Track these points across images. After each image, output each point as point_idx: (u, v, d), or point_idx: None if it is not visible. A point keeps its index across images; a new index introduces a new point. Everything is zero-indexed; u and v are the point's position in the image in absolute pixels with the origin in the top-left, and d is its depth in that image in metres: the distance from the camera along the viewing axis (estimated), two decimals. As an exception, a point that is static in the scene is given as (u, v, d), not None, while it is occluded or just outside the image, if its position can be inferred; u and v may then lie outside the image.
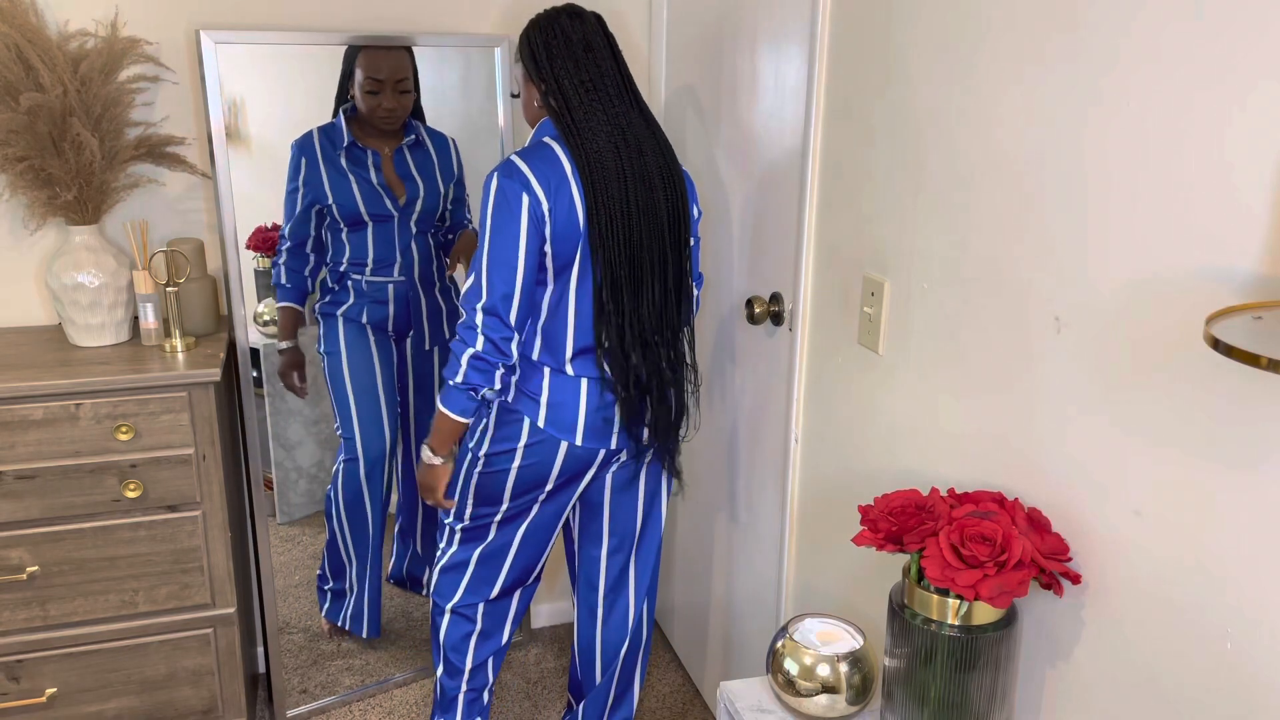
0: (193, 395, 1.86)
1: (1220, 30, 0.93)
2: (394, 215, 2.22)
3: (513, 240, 1.64)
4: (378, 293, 2.27)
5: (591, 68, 1.70)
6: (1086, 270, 1.11)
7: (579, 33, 1.70)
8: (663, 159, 1.75)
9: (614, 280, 1.71)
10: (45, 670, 1.92)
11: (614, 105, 1.71)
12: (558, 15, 1.72)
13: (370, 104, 2.16)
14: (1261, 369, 0.75)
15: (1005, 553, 1.11)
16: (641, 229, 1.71)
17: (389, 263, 2.25)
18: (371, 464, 2.32)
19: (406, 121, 2.22)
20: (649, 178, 1.72)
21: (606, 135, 1.69)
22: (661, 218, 1.74)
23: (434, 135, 2.27)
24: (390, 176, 2.22)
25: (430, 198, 2.26)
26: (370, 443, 2.32)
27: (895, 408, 1.51)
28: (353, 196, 2.18)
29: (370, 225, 2.21)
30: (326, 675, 2.43)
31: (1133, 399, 1.07)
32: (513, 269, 1.65)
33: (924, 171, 1.39)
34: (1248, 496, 0.94)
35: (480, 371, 1.67)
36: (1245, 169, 0.91)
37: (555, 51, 1.70)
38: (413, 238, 2.26)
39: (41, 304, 2.16)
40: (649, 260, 1.73)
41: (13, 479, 1.81)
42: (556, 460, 1.78)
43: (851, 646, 1.36)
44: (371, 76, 2.14)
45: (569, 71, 1.69)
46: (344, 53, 2.13)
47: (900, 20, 1.42)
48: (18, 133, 1.84)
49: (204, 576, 1.96)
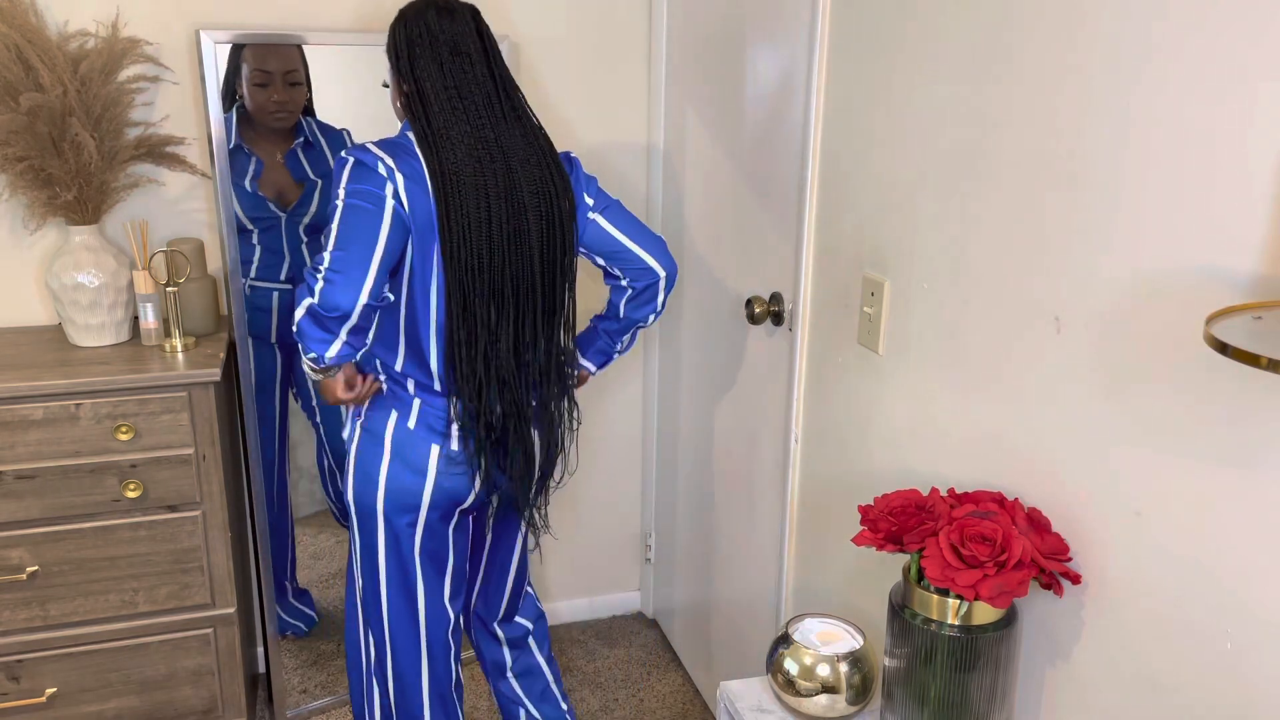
0: (193, 395, 1.86)
1: (1221, 31, 0.93)
2: (279, 220, 2.14)
3: (371, 218, 1.50)
4: (261, 300, 2.19)
5: (457, 72, 1.56)
6: (1086, 270, 1.11)
7: (447, 32, 1.56)
8: (541, 175, 1.61)
9: (465, 306, 1.57)
10: (45, 670, 1.92)
11: (480, 115, 1.57)
12: (425, 10, 1.57)
13: (259, 98, 2.06)
14: (1261, 369, 0.75)
15: (1005, 553, 1.11)
16: (505, 253, 1.57)
17: (274, 267, 2.17)
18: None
19: (299, 120, 2.14)
20: (518, 198, 1.58)
21: (467, 148, 1.55)
22: (532, 244, 1.60)
23: (327, 131, 2.17)
24: (280, 180, 2.13)
25: (325, 202, 2.16)
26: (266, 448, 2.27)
27: (895, 408, 1.51)
28: (230, 201, 2.08)
29: (255, 231, 2.13)
30: (326, 675, 2.43)
31: (1133, 399, 1.07)
32: (370, 244, 1.50)
33: (924, 171, 1.39)
34: (1248, 496, 0.94)
35: (319, 328, 1.52)
36: (1245, 169, 0.91)
37: (418, 52, 1.56)
38: (302, 243, 2.17)
39: (41, 304, 2.16)
40: (512, 289, 1.60)
41: (13, 479, 1.81)
42: (423, 491, 1.69)
43: (851, 646, 1.36)
44: (259, 69, 2.04)
45: (431, 75, 1.55)
46: (229, 51, 2.03)
47: (900, 20, 1.42)
48: (18, 133, 1.84)
49: (204, 576, 1.96)
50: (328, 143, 2.18)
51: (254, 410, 2.14)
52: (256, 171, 2.12)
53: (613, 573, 2.81)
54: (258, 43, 2.03)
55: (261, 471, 2.21)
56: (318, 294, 1.50)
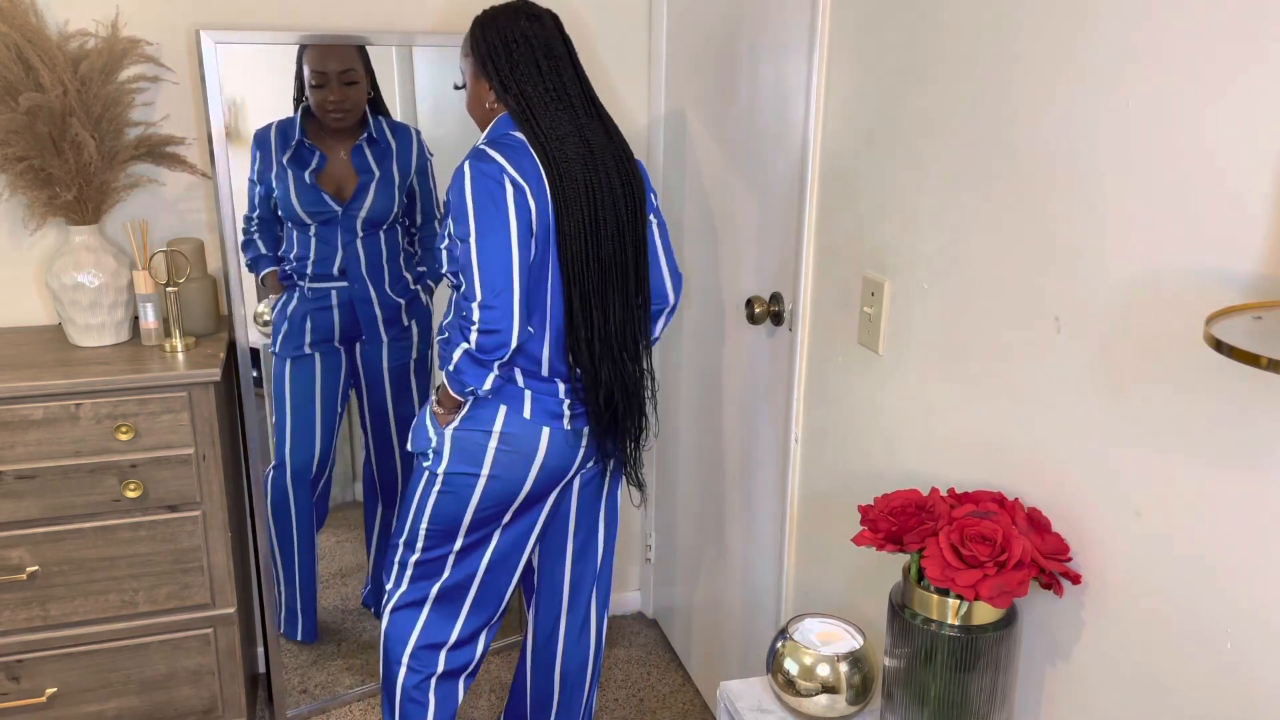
0: (193, 395, 1.86)
1: (1221, 32, 0.93)
2: (336, 215, 2.18)
3: (503, 230, 1.57)
4: (321, 299, 2.23)
5: (554, 76, 1.64)
6: (1086, 270, 1.11)
7: (540, 36, 1.64)
8: (623, 169, 1.70)
9: (583, 294, 1.67)
10: (45, 670, 1.92)
11: (577, 114, 1.66)
12: (516, 16, 1.65)
13: (317, 98, 2.12)
14: (1261, 369, 0.76)
15: (1005, 553, 1.11)
16: (609, 244, 1.68)
17: (329, 260, 2.20)
18: (297, 473, 2.29)
19: (365, 117, 2.18)
20: (613, 190, 1.68)
21: (573, 146, 1.63)
22: (625, 232, 1.70)
23: (396, 128, 2.22)
24: (342, 174, 2.17)
25: (382, 195, 2.20)
26: (297, 454, 2.29)
27: (895, 407, 1.51)
28: (289, 194, 2.14)
29: (313, 225, 2.17)
30: (326, 675, 2.43)
31: (1133, 399, 1.07)
32: (507, 261, 1.57)
33: (924, 171, 1.39)
34: (1248, 496, 0.94)
35: (477, 366, 1.62)
36: (1245, 169, 0.91)
37: (518, 56, 1.62)
38: (358, 238, 2.20)
39: (41, 304, 2.16)
40: (615, 275, 1.70)
41: (13, 479, 1.81)
42: (529, 473, 1.74)
43: (851, 646, 1.36)
44: (316, 70, 2.10)
45: (532, 78, 1.63)
46: (297, 51, 2.10)
47: (900, 20, 1.42)
48: (18, 133, 1.84)
49: (204, 576, 1.96)
50: (395, 139, 2.22)
51: (254, 410, 2.14)
52: (319, 165, 2.16)
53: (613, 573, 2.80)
54: (261, 43, 2.03)
55: (291, 477, 2.27)
56: (475, 341, 1.60)
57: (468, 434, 1.71)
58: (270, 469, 2.26)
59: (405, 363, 2.36)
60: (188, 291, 2.04)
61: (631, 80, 2.43)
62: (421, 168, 2.26)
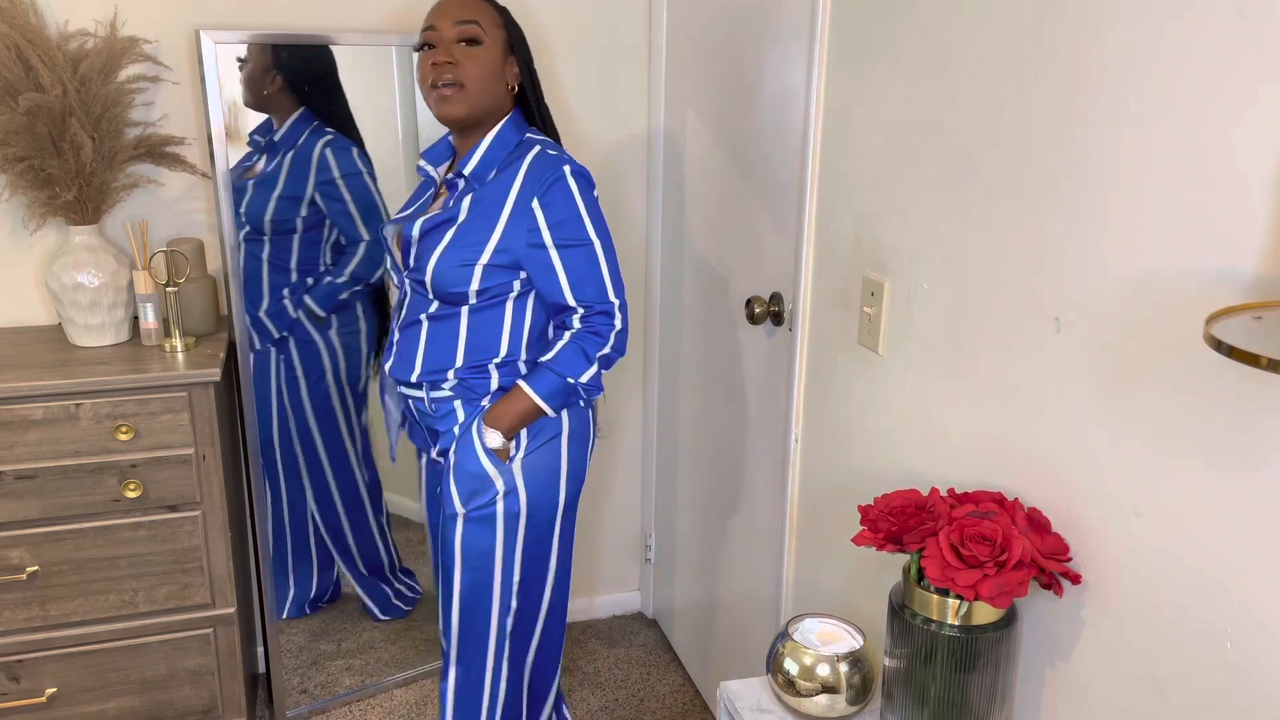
0: (193, 395, 1.86)
1: (1221, 33, 0.93)
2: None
3: (608, 231, 1.67)
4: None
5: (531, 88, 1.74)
6: (1086, 270, 1.11)
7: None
8: None
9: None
10: (45, 670, 1.92)
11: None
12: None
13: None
14: (1261, 369, 0.75)
15: (1005, 553, 1.11)
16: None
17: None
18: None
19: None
20: None
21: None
22: None
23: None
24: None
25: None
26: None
27: (895, 408, 1.51)
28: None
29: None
30: (326, 675, 2.43)
31: (1133, 399, 1.07)
32: (617, 259, 1.68)
33: (924, 172, 1.39)
34: (1248, 496, 0.94)
35: (606, 370, 1.68)
36: (1245, 169, 0.91)
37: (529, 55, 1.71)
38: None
39: (41, 304, 2.16)
40: None
41: (13, 479, 1.81)
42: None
43: (851, 646, 1.36)
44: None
45: (530, 76, 1.71)
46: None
47: (900, 20, 1.42)
48: (18, 133, 1.84)
49: (204, 576, 1.96)
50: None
51: (254, 410, 2.14)
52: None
53: (613, 573, 2.81)
54: (259, 43, 2.03)
55: (334, 466, 2.35)
56: (615, 342, 1.67)
57: (540, 453, 1.73)
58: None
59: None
60: (188, 291, 2.04)
61: (631, 80, 2.43)
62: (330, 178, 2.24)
